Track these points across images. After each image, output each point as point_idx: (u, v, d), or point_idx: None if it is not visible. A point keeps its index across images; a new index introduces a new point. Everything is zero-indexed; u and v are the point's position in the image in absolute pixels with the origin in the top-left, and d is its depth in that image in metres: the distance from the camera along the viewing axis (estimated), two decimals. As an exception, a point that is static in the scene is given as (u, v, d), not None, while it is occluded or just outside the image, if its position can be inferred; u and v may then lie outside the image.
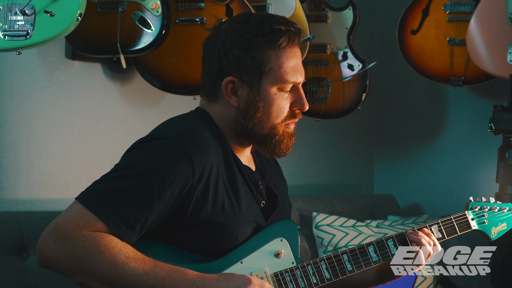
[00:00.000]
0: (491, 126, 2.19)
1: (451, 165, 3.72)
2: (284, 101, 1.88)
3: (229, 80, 1.86)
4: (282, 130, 1.89)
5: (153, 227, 1.77)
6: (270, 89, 1.86)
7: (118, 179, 1.73)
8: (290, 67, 1.86)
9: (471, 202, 2.03)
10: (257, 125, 1.87)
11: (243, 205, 1.85)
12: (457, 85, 3.26)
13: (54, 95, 2.74)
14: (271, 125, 1.88)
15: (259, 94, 1.85)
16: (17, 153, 2.63)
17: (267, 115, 1.87)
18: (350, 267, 1.89)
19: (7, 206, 2.59)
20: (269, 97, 1.86)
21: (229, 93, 1.87)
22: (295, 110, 1.90)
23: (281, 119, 1.88)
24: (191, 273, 1.74)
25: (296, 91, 1.89)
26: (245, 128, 1.88)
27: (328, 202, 3.43)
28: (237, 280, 1.74)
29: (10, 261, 2.33)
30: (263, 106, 1.86)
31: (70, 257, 1.67)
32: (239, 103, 1.87)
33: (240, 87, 1.86)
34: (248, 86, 1.85)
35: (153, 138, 1.80)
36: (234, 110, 1.88)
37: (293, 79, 1.87)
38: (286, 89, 1.87)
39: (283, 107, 1.88)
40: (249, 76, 1.85)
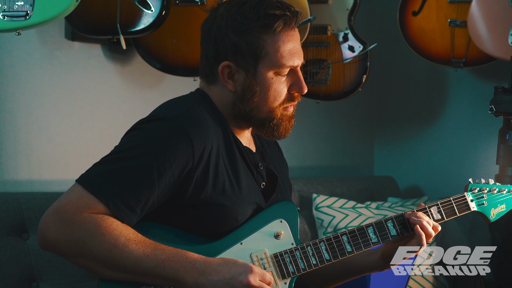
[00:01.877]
0: (491, 108, 2.19)
1: (451, 147, 3.71)
2: (282, 85, 1.87)
3: (225, 64, 1.85)
4: (280, 113, 1.89)
5: (153, 208, 1.77)
6: (266, 74, 1.85)
7: (118, 161, 1.73)
8: (286, 51, 1.85)
9: (470, 184, 2.03)
10: (255, 109, 1.87)
11: (243, 186, 1.85)
12: (458, 66, 3.25)
13: (53, 76, 2.73)
14: (268, 108, 1.87)
15: (255, 78, 1.85)
16: (17, 134, 2.63)
17: (264, 99, 1.86)
18: (350, 248, 1.90)
19: (7, 187, 2.59)
20: (265, 82, 1.85)
21: (225, 78, 1.86)
22: (294, 93, 1.89)
23: (279, 103, 1.88)
24: (192, 255, 1.74)
25: (294, 74, 1.88)
26: (243, 112, 1.88)
27: (328, 183, 3.43)
28: (239, 268, 1.75)
29: (10, 241, 2.34)
30: (260, 90, 1.85)
31: (71, 240, 1.68)
32: (236, 87, 1.87)
33: (237, 71, 1.86)
34: (245, 70, 1.85)
35: (153, 119, 1.80)
36: (232, 94, 1.88)
37: (290, 63, 1.86)
38: (283, 73, 1.86)
39: (280, 91, 1.87)
40: (245, 61, 1.84)
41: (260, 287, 1.75)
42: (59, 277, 2.40)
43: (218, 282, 1.73)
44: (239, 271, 1.74)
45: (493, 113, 2.20)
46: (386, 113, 4.00)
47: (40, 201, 2.43)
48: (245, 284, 1.73)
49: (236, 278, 1.73)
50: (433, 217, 1.95)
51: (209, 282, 1.72)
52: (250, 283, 1.73)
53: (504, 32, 2.99)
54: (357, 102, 3.83)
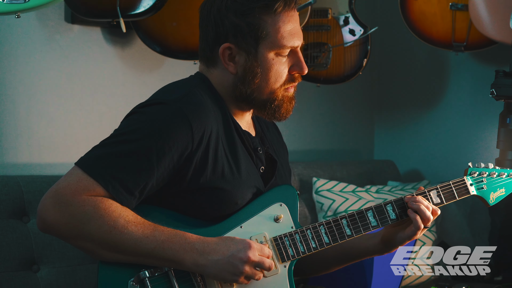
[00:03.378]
0: (492, 91, 2.19)
1: (452, 130, 3.71)
2: (282, 65, 1.87)
3: (226, 46, 1.85)
4: (282, 95, 1.89)
5: (152, 192, 1.77)
6: (267, 55, 1.85)
7: (118, 144, 1.73)
8: (287, 32, 1.85)
9: (470, 168, 2.03)
10: (256, 91, 1.87)
11: (242, 170, 1.86)
12: (459, 50, 3.24)
13: (53, 59, 2.72)
14: (270, 90, 1.87)
15: (256, 60, 1.85)
16: (17, 117, 2.62)
17: (265, 81, 1.86)
18: (349, 232, 1.90)
19: (7, 170, 2.59)
20: (266, 63, 1.85)
21: (226, 60, 1.86)
22: (294, 74, 1.89)
23: (280, 84, 1.88)
24: (191, 236, 1.75)
25: (294, 55, 1.88)
26: (244, 94, 1.87)
27: (328, 167, 3.43)
28: (237, 244, 1.76)
29: (11, 224, 2.35)
30: (261, 71, 1.85)
31: (70, 222, 1.68)
32: (237, 69, 1.87)
33: (238, 53, 1.85)
34: (245, 52, 1.85)
35: (153, 103, 1.80)
36: (232, 76, 1.88)
37: (291, 43, 1.85)
38: (284, 54, 1.86)
39: (281, 71, 1.87)
40: (246, 42, 1.84)
41: (260, 261, 1.76)
42: (59, 260, 2.40)
43: (219, 261, 1.73)
44: (238, 248, 1.75)
45: (494, 97, 2.20)
46: (386, 97, 3.99)
47: (41, 184, 2.43)
48: (245, 260, 1.74)
49: (236, 255, 1.74)
50: (433, 201, 1.95)
51: (209, 262, 1.73)
52: (250, 259, 1.74)
53: (505, 15, 2.97)
54: (357, 86, 3.82)
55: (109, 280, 1.75)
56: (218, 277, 1.75)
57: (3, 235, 2.31)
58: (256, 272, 1.77)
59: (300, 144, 3.64)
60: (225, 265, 1.74)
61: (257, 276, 1.77)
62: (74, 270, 2.42)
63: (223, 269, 1.74)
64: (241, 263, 1.74)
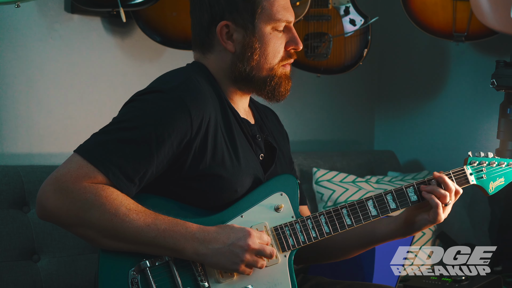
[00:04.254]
0: (493, 81, 2.18)
1: (452, 121, 3.71)
2: (279, 41, 1.90)
3: (223, 24, 1.87)
4: (280, 72, 1.91)
5: (152, 179, 1.78)
6: (264, 29, 1.87)
7: (117, 132, 1.73)
8: (281, 6, 1.89)
9: (469, 157, 2.03)
10: (255, 68, 1.88)
11: (241, 157, 1.86)
12: (459, 40, 3.24)
13: (53, 49, 2.72)
14: (269, 66, 1.89)
15: (254, 35, 1.87)
16: (17, 107, 2.62)
17: (264, 56, 1.88)
18: (349, 222, 1.90)
19: (7, 160, 2.59)
20: (264, 37, 1.88)
21: (224, 38, 1.87)
22: (290, 49, 1.92)
23: (278, 60, 1.90)
24: (192, 225, 1.75)
25: (289, 31, 1.92)
26: (243, 73, 1.89)
27: (328, 157, 3.43)
28: (237, 233, 1.76)
29: (11, 214, 2.35)
30: (259, 47, 1.88)
31: (71, 209, 1.68)
32: (235, 47, 1.88)
33: (235, 30, 1.87)
34: (243, 28, 1.87)
35: (151, 91, 1.80)
36: (231, 55, 1.89)
37: (286, 17, 1.89)
38: (280, 28, 1.90)
39: (278, 47, 1.90)
40: (242, 18, 1.86)
41: (261, 248, 1.76)
42: (60, 250, 2.41)
43: (219, 250, 1.74)
44: (238, 236, 1.75)
45: (495, 87, 2.20)
46: (387, 87, 3.99)
47: (41, 174, 2.43)
48: (246, 248, 1.74)
49: (236, 243, 1.74)
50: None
51: (210, 250, 1.73)
52: (250, 247, 1.75)
53: (506, 6, 2.97)
54: (358, 76, 3.82)
55: (110, 270, 1.75)
56: (219, 265, 1.75)
57: (3, 225, 2.31)
58: (257, 260, 1.77)
59: (300, 134, 3.64)
60: (225, 253, 1.74)
61: (259, 263, 1.77)
62: (75, 259, 2.43)
63: (224, 257, 1.74)
64: (242, 251, 1.74)
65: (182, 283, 1.77)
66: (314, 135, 3.76)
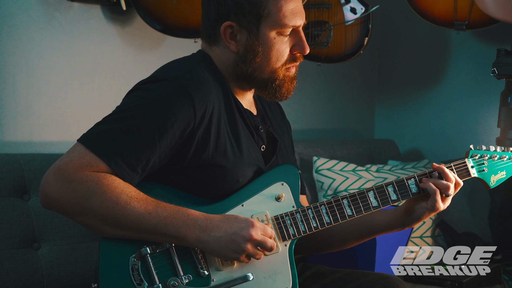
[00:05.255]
0: (494, 70, 2.18)
1: (452, 110, 3.71)
2: (284, 45, 1.87)
3: (227, 25, 1.85)
4: (283, 74, 1.89)
5: (155, 168, 1.78)
6: (269, 34, 1.84)
7: (120, 121, 1.73)
8: (289, 11, 1.84)
9: (471, 150, 2.02)
10: (257, 70, 1.87)
11: (243, 148, 1.86)
12: (460, 29, 3.23)
13: (53, 37, 2.71)
14: (271, 69, 1.87)
15: (258, 38, 1.84)
16: (17, 95, 2.62)
17: (266, 60, 1.86)
18: (350, 212, 1.90)
19: (8, 148, 2.59)
20: (268, 42, 1.85)
21: (227, 38, 1.86)
22: (296, 53, 1.89)
23: (281, 63, 1.87)
24: (194, 212, 1.75)
25: (296, 34, 1.88)
26: (245, 73, 1.87)
27: (329, 146, 3.43)
28: (240, 223, 1.76)
29: (11, 202, 2.35)
30: (262, 50, 1.85)
31: (73, 197, 1.68)
32: (238, 47, 1.86)
33: (239, 32, 1.85)
34: (247, 30, 1.84)
35: (155, 80, 1.79)
36: (234, 54, 1.87)
37: (292, 22, 1.85)
38: (286, 33, 1.86)
39: (282, 51, 1.87)
40: (247, 20, 1.83)
41: (263, 240, 1.76)
42: (60, 238, 2.41)
43: (221, 238, 1.74)
44: (241, 226, 1.75)
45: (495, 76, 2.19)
46: (387, 76, 3.98)
47: (41, 162, 2.43)
48: (248, 238, 1.74)
49: (238, 233, 1.74)
50: None
51: (211, 238, 1.74)
52: (252, 237, 1.75)
53: (507, -6, 2.96)
54: (358, 65, 3.81)
55: (111, 257, 1.75)
56: (220, 253, 1.76)
57: (3, 213, 2.32)
58: (257, 252, 1.77)
59: (300, 123, 3.64)
60: (227, 242, 1.74)
61: (258, 255, 1.78)
62: (75, 247, 2.43)
63: (225, 246, 1.74)
64: (243, 241, 1.74)
65: (183, 270, 1.78)
66: (314, 123, 3.76)
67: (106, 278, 1.74)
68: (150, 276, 1.76)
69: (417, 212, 1.93)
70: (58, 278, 2.37)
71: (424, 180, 1.92)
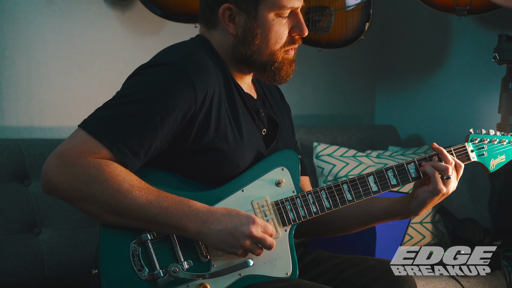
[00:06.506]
0: (495, 56, 2.17)
1: (453, 96, 3.70)
2: (283, 27, 1.86)
3: (226, 7, 1.84)
4: (282, 57, 1.88)
5: (156, 153, 1.78)
6: (267, 15, 1.84)
7: (121, 106, 1.72)
8: None
9: (471, 134, 2.03)
10: (256, 52, 1.86)
11: (244, 132, 1.85)
12: (462, 14, 3.21)
13: (53, 22, 2.70)
14: (270, 51, 1.86)
15: (256, 20, 1.84)
16: (17, 80, 2.61)
17: (265, 42, 1.85)
18: (350, 197, 1.90)
19: (8, 133, 2.59)
20: (266, 24, 1.84)
21: (226, 21, 1.85)
22: (294, 35, 1.89)
23: (280, 46, 1.87)
24: (195, 204, 1.75)
25: (294, 16, 1.88)
26: (244, 56, 1.87)
27: (329, 132, 3.43)
28: (241, 219, 1.76)
29: (12, 187, 2.35)
30: (261, 32, 1.84)
31: (75, 183, 1.68)
32: (237, 30, 1.86)
33: (237, 14, 1.84)
34: (245, 12, 1.84)
35: (155, 64, 1.79)
36: (233, 37, 1.87)
37: (291, 4, 1.84)
38: (284, 15, 1.86)
39: (281, 33, 1.86)
40: (245, 2, 1.83)
41: (262, 238, 1.76)
42: (60, 223, 2.42)
43: (220, 232, 1.74)
44: (242, 222, 1.75)
45: (497, 61, 2.19)
46: (388, 62, 3.97)
47: (41, 148, 2.43)
48: (247, 234, 1.74)
49: (239, 228, 1.74)
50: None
51: (211, 231, 1.74)
52: (252, 234, 1.74)
53: (509, -21, 2.94)
54: (359, 50, 3.80)
55: (111, 243, 1.76)
56: (219, 247, 1.76)
57: (4, 198, 2.32)
58: (256, 249, 1.77)
59: (301, 108, 3.64)
60: (226, 236, 1.74)
61: (257, 252, 1.78)
62: (76, 233, 2.44)
63: (224, 240, 1.74)
64: (243, 237, 1.74)
65: (183, 256, 1.78)
66: (315, 109, 3.75)
67: (107, 264, 1.75)
68: (151, 261, 1.76)
69: (420, 196, 1.92)
70: (58, 263, 2.38)
71: (423, 164, 1.92)
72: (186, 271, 1.77)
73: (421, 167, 1.92)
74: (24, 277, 2.30)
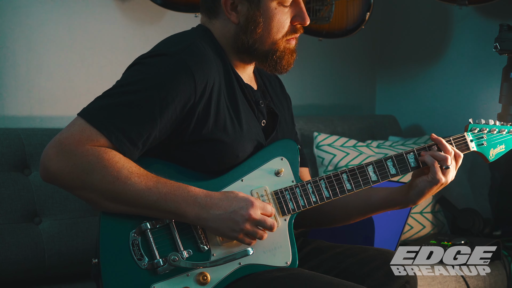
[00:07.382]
0: (496, 45, 2.17)
1: (454, 86, 3.69)
2: (285, 15, 1.86)
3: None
4: (283, 46, 1.88)
5: (155, 143, 1.78)
6: (270, 4, 1.84)
7: (121, 95, 1.72)
8: None
9: (470, 124, 2.02)
10: (258, 41, 1.86)
11: (243, 123, 1.85)
12: (462, 4, 3.20)
13: (53, 11, 2.70)
14: (272, 40, 1.86)
15: (259, 9, 1.84)
16: (17, 70, 2.61)
17: (267, 31, 1.85)
18: (349, 186, 1.91)
19: (8, 122, 2.59)
20: (269, 12, 1.84)
21: (228, 9, 1.85)
22: (296, 24, 1.89)
23: (282, 34, 1.87)
24: (194, 189, 1.75)
25: (296, 5, 1.88)
26: (246, 45, 1.87)
27: (329, 122, 3.43)
28: (240, 202, 1.76)
29: (12, 177, 2.36)
30: (263, 21, 1.84)
31: (74, 171, 1.68)
32: (239, 18, 1.86)
33: (240, 2, 1.84)
34: (248, 1, 1.84)
35: (155, 54, 1.79)
36: (234, 26, 1.87)
37: None
38: (286, 4, 1.86)
39: (283, 22, 1.86)
40: None
41: (262, 219, 1.77)
42: (61, 212, 2.42)
43: (220, 216, 1.74)
44: (240, 205, 1.75)
45: (498, 51, 2.18)
46: (388, 51, 3.97)
47: (41, 137, 2.44)
48: (247, 217, 1.75)
49: (238, 211, 1.74)
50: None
51: (211, 215, 1.74)
52: (251, 216, 1.75)
53: (510, -31, 2.93)
54: (360, 40, 3.79)
55: (111, 232, 1.76)
56: (218, 231, 1.76)
57: (4, 187, 2.32)
58: (257, 231, 1.77)
59: (301, 98, 3.63)
60: (225, 220, 1.74)
61: (259, 234, 1.78)
62: (76, 222, 2.44)
63: (224, 224, 1.74)
64: (242, 220, 1.74)
65: (183, 245, 1.78)
66: (315, 99, 3.75)
67: (107, 253, 1.75)
68: (151, 251, 1.77)
69: (419, 185, 1.93)
70: (59, 253, 2.38)
71: (422, 154, 1.92)
72: (186, 260, 1.77)
73: (421, 157, 1.93)
74: (24, 266, 2.31)
